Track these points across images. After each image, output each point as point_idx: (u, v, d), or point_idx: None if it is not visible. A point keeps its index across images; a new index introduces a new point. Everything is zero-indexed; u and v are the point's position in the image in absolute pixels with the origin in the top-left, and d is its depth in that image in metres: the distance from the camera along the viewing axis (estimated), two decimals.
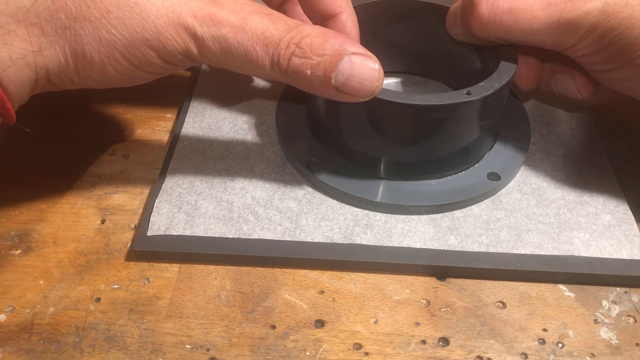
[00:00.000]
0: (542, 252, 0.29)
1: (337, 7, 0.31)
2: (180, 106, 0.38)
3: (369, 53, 0.27)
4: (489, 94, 0.28)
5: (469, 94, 0.28)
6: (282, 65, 0.26)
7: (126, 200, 0.32)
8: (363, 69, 0.26)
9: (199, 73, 0.40)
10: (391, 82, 0.39)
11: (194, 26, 0.26)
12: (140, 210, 0.32)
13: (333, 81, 0.26)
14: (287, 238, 0.29)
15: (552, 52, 0.30)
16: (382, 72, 0.27)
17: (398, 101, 0.28)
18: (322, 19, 0.31)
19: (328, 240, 0.29)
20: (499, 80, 0.29)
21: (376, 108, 0.28)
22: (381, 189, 0.31)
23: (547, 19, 0.28)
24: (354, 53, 0.26)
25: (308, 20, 0.32)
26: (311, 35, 0.26)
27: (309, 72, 0.26)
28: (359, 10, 0.34)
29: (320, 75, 0.26)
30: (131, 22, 0.26)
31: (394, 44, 0.37)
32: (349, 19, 0.31)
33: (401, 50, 0.38)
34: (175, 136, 0.35)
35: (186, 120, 0.36)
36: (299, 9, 0.34)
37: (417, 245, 0.29)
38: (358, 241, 0.29)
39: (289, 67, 0.26)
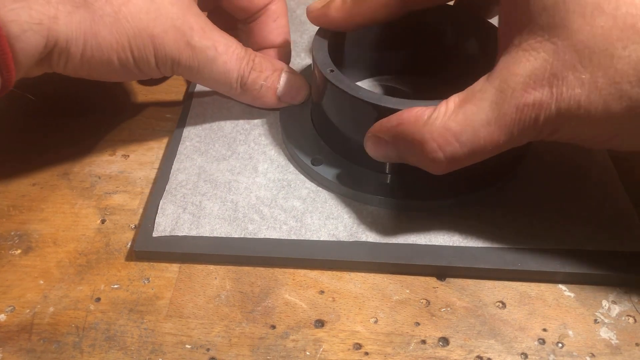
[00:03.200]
0: (544, 247, 0.29)
1: None
2: (180, 106, 0.38)
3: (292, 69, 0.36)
4: None
5: None
6: (245, 76, 0.33)
7: (126, 200, 0.32)
8: (296, 81, 0.35)
9: None
10: (396, 85, 0.39)
11: (192, 36, 0.30)
12: (141, 210, 0.32)
13: (278, 92, 0.35)
14: (293, 237, 0.29)
15: None
16: (307, 83, 0.36)
17: (401, 109, 0.28)
18: (251, 13, 0.36)
19: (333, 239, 0.29)
20: None
21: (381, 114, 0.29)
22: (386, 187, 0.31)
23: (509, 137, 0.25)
24: (287, 70, 0.35)
25: (274, 40, 0.37)
26: (258, 55, 0.34)
27: (262, 83, 0.34)
28: None
29: (269, 87, 0.34)
30: (147, 16, 0.28)
31: (398, 46, 0.37)
32: (280, 5, 0.37)
33: (405, 55, 0.38)
34: (177, 137, 0.35)
35: (188, 121, 0.36)
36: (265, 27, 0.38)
37: (422, 241, 0.29)
38: (363, 239, 0.29)
39: (249, 79, 0.34)
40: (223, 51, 0.32)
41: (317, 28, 0.33)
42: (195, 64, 0.31)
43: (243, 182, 0.32)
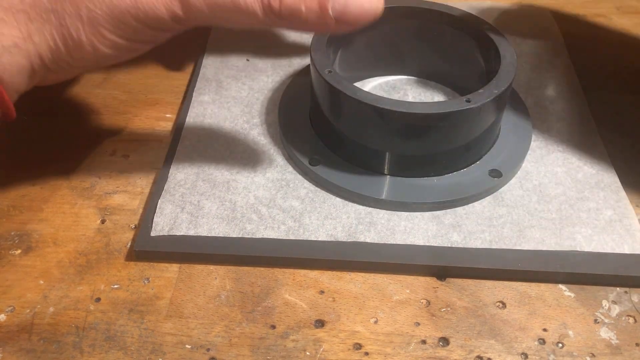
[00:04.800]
0: (544, 248, 0.29)
1: None
2: (180, 106, 0.38)
3: None
4: (489, 101, 0.29)
5: (468, 101, 0.28)
6: (274, 7, 0.25)
7: (126, 200, 0.32)
8: None
9: (198, 73, 0.40)
10: (395, 85, 0.39)
11: None
12: (140, 210, 0.32)
13: (330, 12, 0.25)
14: (291, 237, 0.29)
15: None
16: None
17: (400, 110, 0.28)
18: None
19: (332, 239, 0.29)
20: (498, 86, 0.29)
21: (379, 115, 0.29)
22: (384, 186, 0.31)
23: None
24: None
25: None
26: None
27: (303, 7, 0.25)
28: None
29: (316, 8, 0.25)
30: None
31: (394, 48, 0.37)
32: None
33: (404, 55, 0.38)
34: (176, 137, 0.35)
35: (187, 121, 0.36)
36: None
37: (421, 242, 0.29)
38: (362, 239, 0.29)
39: (282, 7, 0.25)
40: None
41: None
42: (199, 14, 0.25)
43: (241, 181, 0.32)
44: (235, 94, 0.38)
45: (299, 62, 0.41)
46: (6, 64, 0.25)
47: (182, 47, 0.42)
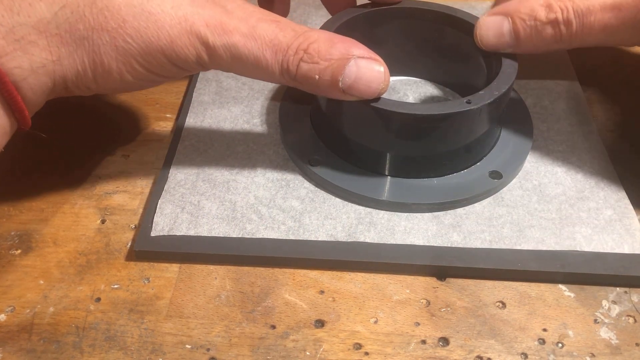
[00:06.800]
0: (544, 248, 0.29)
1: None
2: (180, 107, 0.38)
3: (375, 56, 0.28)
4: (489, 103, 0.29)
5: (469, 102, 0.28)
6: (291, 71, 0.28)
7: (126, 200, 0.32)
8: (369, 72, 0.27)
9: (198, 73, 0.40)
10: (396, 86, 0.39)
11: (205, 35, 0.27)
12: (140, 210, 0.32)
13: (340, 84, 0.27)
14: (291, 237, 0.29)
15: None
16: (387, 73, 0.28)
17: (400, 111, 0.28)
18: None
19: (332, 239, 0.29)
20: (499, 88, 0.29)
21: (380, 116, 0.29)
22: (384, 187, 0.31)
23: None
24: (360, 57, 0.27)
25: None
26: (318, 40, 0.27)
27: (317, 76, 0.27)
28: (362, 18, 0.34)
29: (328, 80, 0.27)
30: (146, 32, 0.27)
31: (394, 49, 0.37)
32: None
33: (404, 56, 0.38)
34: (176, 137, 0.35)
35: (187, 121, 0.36)
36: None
37: (421, 242, 0.29)
38: (362, 239, 0.29)
39: (298, 72, 0.28)
40: (252, 47, 0.27)
41: (319, 27, 0.33)
42: (223, 63, 0.28)
43: (242, 181, 0.32)
44: (235, 94, 0.38)
45: None
46: (32, 83, 0.26)
47: None
